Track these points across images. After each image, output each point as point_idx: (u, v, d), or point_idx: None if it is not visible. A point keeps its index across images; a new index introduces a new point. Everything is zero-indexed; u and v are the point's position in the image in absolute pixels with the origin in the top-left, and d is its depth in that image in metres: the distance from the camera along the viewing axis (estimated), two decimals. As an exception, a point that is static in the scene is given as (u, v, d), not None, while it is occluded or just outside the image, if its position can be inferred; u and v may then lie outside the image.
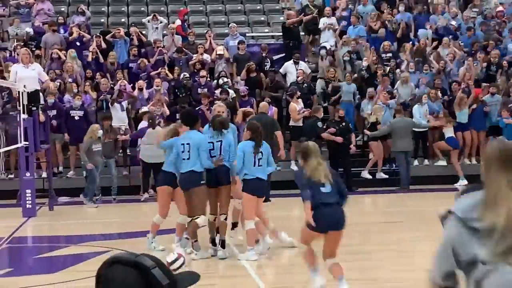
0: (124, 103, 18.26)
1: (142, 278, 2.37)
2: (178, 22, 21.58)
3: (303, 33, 22.19)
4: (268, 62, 20.53)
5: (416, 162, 18.99)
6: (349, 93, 19.10)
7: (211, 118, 10.84)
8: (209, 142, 9.94)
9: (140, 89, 18.88)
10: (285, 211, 14.26)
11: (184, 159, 9.86)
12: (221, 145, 9.93)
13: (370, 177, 18.20)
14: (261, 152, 9.81)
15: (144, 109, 17.94)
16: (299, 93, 18.48)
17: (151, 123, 16.51)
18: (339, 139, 17.30)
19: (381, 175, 18.27)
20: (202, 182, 9.86)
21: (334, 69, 19.99)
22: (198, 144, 9.81)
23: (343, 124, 17.66)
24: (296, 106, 18.19)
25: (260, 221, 10.05)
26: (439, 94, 19.14)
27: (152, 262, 2.39)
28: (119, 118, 18.07)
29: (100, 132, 16.42)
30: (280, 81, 20.03)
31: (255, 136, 9.85)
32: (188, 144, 9.86)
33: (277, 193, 15.78)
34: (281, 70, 20.38)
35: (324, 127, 17.55)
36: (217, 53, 20.34)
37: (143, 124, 17.19)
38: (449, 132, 18.38)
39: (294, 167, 17.79)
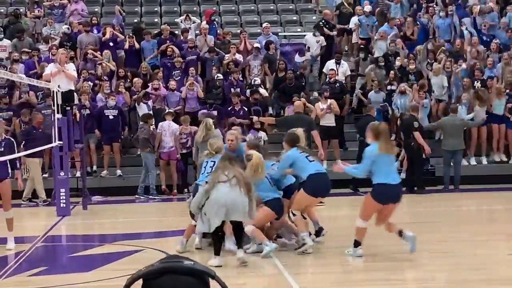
0: (151, 103, 18.34)
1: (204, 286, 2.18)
2: (205, 24, 21.45)
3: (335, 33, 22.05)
4: (304, 81, 20.18)
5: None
6: (377, 102, 18.87)
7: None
8: None
9: (172, 90, 18.96)
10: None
11: None
12: None
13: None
14: None
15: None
16: (326, 93, 18.38)
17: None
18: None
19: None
20: None
21: (376, 72, 19.76)
22: None
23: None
24: (320, 105, 18.13)
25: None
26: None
27: (211, 269, 2.21)
28: None
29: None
30: (299, 82, 19.80)
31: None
32: None
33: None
34: (324, 70, 20.26)
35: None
36: (254, 45, 20.33)
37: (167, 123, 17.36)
38: None
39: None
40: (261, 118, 15.66)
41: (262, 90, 19.38)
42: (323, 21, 21.71)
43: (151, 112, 18.07)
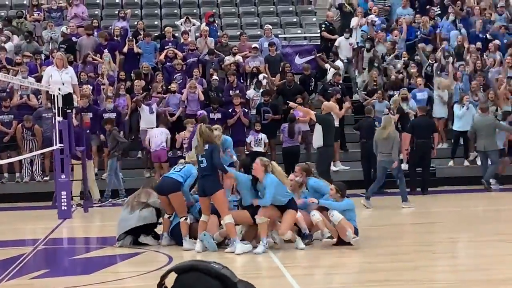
0: (154, 106, 18.34)
1: None
2: (204, 26, 21.44)
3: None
4: (312, 82, 20.18)
5: (451, 163, 18.85)
6: (380, 111, 18.75)
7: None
8: None
9: (173, 92, 18.94)
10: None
11: None
12: None
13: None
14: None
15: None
16: (338, 95, 18.41)
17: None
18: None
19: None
20: None
21: (375, 71, 19.76)
22: None
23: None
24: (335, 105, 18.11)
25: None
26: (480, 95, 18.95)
27: (236, 276, 2.29)
28: (148, 120, 18.21)
29: None
30: (298, 83, 19.78)
31: None
32: None
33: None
34: (329, 72, 20.20)
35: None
36: (252, 46, 20.42)
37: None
38: None
39: (339, 166, 17.84)
40: (300, 107, 15.81)
41: (263, 82, 19.48)
42: (326, 23, 21.70)
43: (153, 115, 18.16)
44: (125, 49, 20.42)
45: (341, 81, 19.64)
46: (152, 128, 18.06)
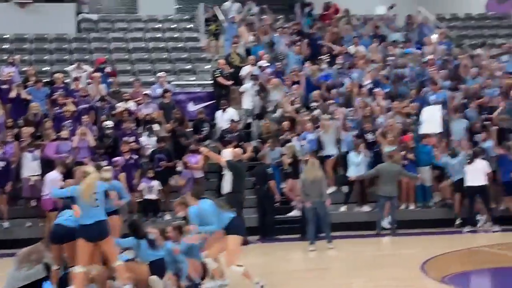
0: (37, 152, 17.78)
1: None
2: (96, 72, 21.10)
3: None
4: (207, 127, 20.11)
5: (343, 208, 18.99)
6: (274, 159, 18.68)
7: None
8: None
9: (64, 139, 18.43)
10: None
11: None
12: None
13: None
14: None
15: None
16: (234, 142, 18.39)
17: None
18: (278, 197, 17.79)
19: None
20: None
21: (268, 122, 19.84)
22: None
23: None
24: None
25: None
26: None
27: None
28: (31, 167, 17.63)
29: None
30: (186, 132, 19.74)
31: None
32: None
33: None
34: (224, 119, 20.08)
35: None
36: (143, 93, 20.24)
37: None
38: None
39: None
40: (211, 152, 15.70)
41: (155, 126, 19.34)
42: (218, 70, 21.73)
43: (36, 162, 17.59)
44: (13, 94, 19.79)
45: (239, 128, 19.67)
46: (34, 175, 17.45)
